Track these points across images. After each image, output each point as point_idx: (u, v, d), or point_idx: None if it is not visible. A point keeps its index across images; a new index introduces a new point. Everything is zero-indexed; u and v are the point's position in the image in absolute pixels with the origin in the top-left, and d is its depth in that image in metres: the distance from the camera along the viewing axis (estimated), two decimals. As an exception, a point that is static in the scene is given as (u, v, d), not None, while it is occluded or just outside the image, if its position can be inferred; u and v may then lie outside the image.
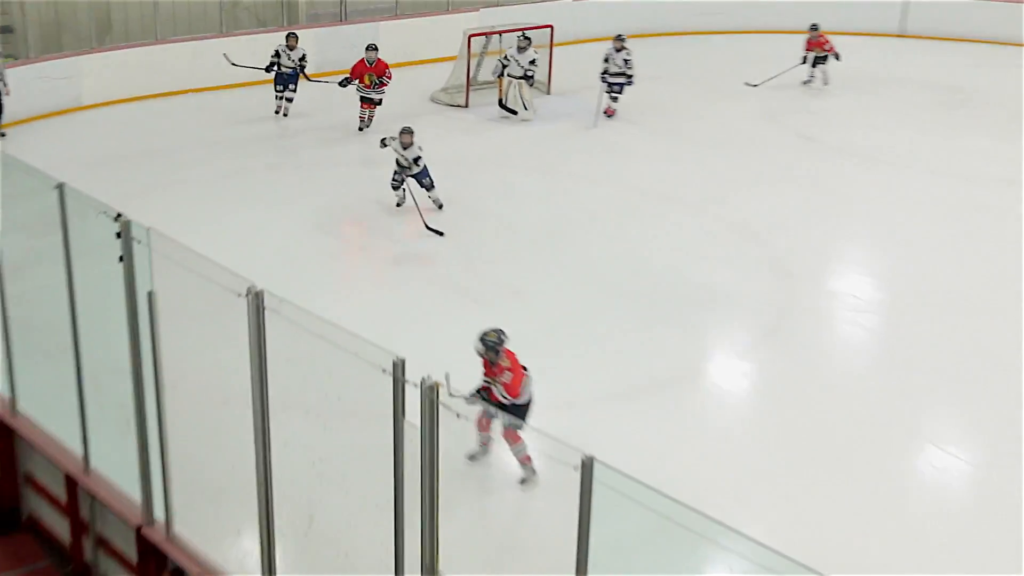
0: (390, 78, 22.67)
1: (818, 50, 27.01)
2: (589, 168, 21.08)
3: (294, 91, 23.46)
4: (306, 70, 23.29)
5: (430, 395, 7.36)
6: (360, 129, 22.79)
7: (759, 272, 17.68)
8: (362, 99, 22.72)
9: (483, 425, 11.33)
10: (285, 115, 23.55)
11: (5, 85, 21.73)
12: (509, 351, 11.48)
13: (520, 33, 24.99)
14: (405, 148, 18.48)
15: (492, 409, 10.85)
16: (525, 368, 11.74)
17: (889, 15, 31.74)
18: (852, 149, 23.22)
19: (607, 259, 17.80)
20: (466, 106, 25.15)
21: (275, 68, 22.96)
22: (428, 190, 18.69)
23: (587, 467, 6.79)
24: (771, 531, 6.92)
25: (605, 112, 24.55)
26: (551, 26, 26.52)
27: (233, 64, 22.57)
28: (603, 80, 24.26)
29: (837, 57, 26.99)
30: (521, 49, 24.62)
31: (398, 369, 7.51)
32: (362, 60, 22.35)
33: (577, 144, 22.22)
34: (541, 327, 15.59)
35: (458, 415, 7.39)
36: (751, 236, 18.84)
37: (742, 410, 14.47)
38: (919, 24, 31.43)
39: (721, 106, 26.03)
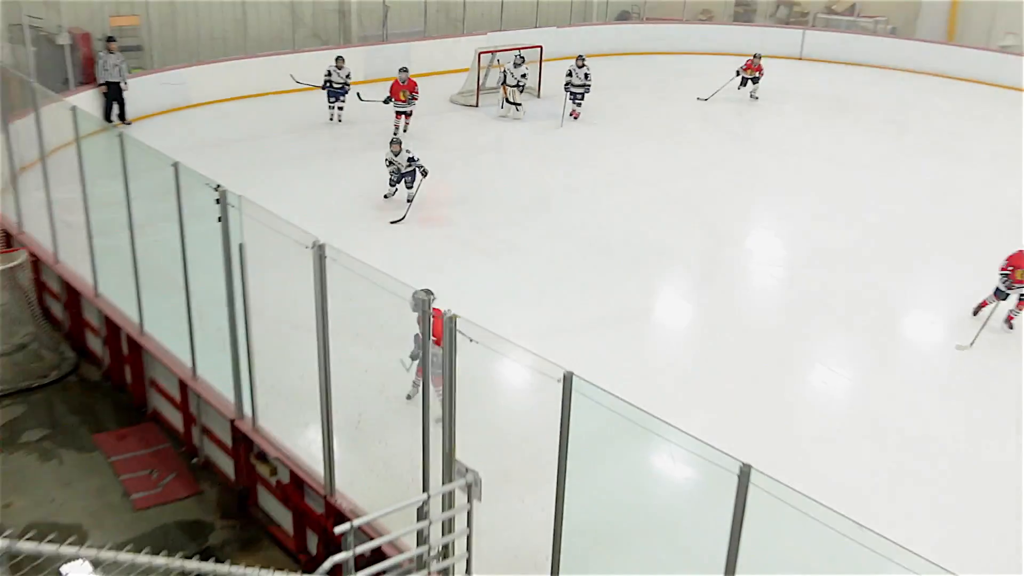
0: (418, 93, 21.79)
1: (753, 73, 26.26)
2: (569, 154, 21.06)
3: (343, 102, 22.73)
4: (351, 77, 22.73)
5: (451, 324, 7.42)
6: (396, 133, 20.91)
7: (696, 234, 17.73)
8: (397, 112, 21.83)
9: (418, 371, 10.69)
10: (339, 121, 22.84)
11: (125, 83, 21.72)
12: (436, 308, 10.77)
13: (516, 52, 24.90)
14: (396, 156, 18.23)
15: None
16: None
17: (792, 42, 31.60)
18: (766, 143, 23.25)
19: (582, 223, 17.81)
20: (476, 106, 25.04)
21: (328, 84, 22.50)
22: (408, 188, 18.31)
23: (567, 380, 6.87)
24: (704, 428, 6.93)
25: (571, 115, 24.05)
26: (541, 46, 26.41)
27: (297, 82, 22.35)
28: (567, 90, 23.84)
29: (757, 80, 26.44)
30: (516, 65, 24.57)
31: (426, 303, 7.55)
32: (396, 80, 21.51)
33: (559, 136, 22.20)
34: (532, 274, 15.77)
35: (472, 340, 7.42)
36: (690, 207, 18.86)
37: (682, 337, 14.58)
38: (814, 50, 31.33)
39: (667, 110, 25.98)
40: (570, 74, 23.86)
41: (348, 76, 22.49)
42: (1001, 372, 13.33)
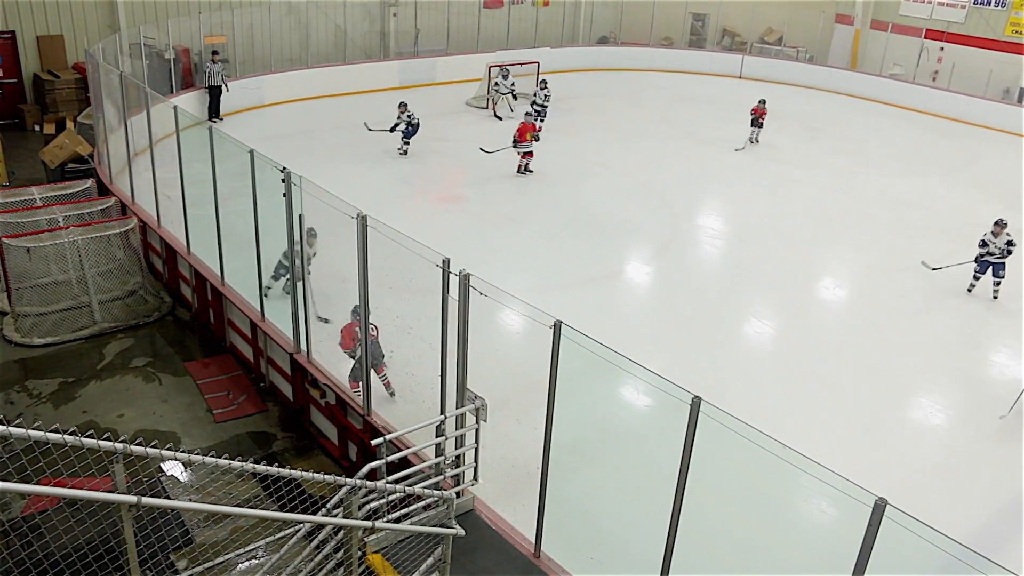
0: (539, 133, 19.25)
1: (758, 117, 22.29)
2: (555, 146, 20.62)
3: (408, 140, 19.70)
4: (414, 118, 19.68)
5: (465, 281, 7.27)
6: (522, 172, 18.94)
7: (657, 213, 17.41)
8: (524, 152, 18.90)
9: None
10: (404, 154, 19.77)
11: (227, 86, 21.71)
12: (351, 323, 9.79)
13: (500, 67, 24.57)
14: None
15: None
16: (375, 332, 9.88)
17: (733, 65, 31.22)
18: (714, 139, 22.79)
19: (566, 202, 17.53)
20: (486, 108, 24.57)
21: (395, 127, 19.70)
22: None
23: (557, 327, 6.71)
24: (665, 366, 6.73)
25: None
26: (538, 62, 26.05)
27: (369, 129, 19.86)
28: (532, 107, 21.66)
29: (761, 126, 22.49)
30: (504, 76, 24.20)
31: (445, 264, 7.41)
32: (524, 123, 18.84)
33: (547, 132, 21.72)
34: (527, 241, 15.49)
35: (481, 293, 7.21)
36: (654, 191, 18.53)
37: (646, 294, 14.31)
38: (750, 71, 30.93)
39: (635, 114, 25.52)
40: (534, 94, 22.73)
41: (411, 117, 19.59)
42: (896, 321, 13.16)
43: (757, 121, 22.37)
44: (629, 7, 33.22)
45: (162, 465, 9.64)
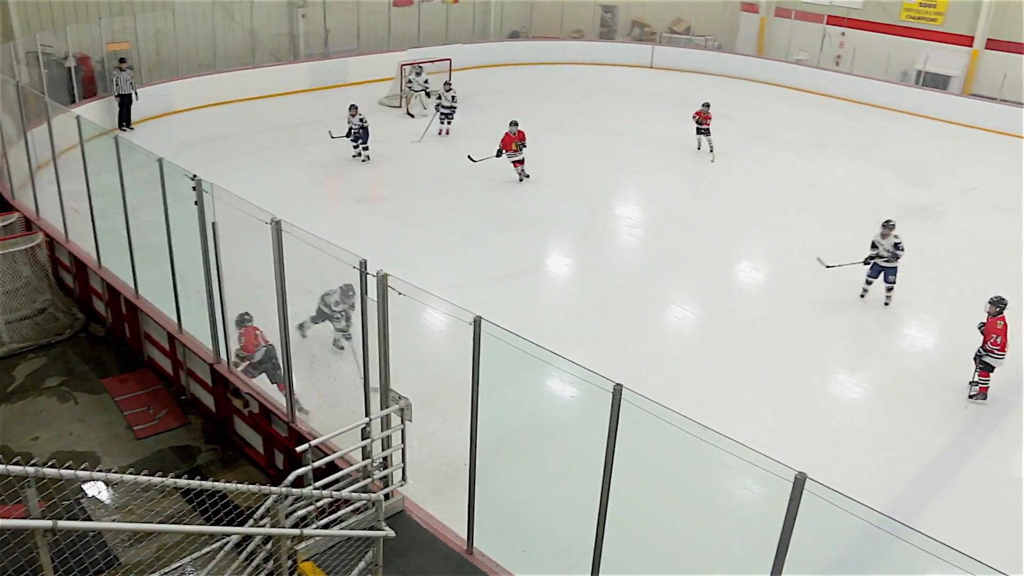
0: (526, 142, 18.60)
1: (701, 121, 21.03)
2: (470, 144, 20.54)
3: (367, 145, 19.48)
4: (365, 121, 19.39)
5: (383, 282, 7.21)
6: (521, 180, 18.56)
7: (575, 204, 17.58)
8: (513, 161, 18.52)
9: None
10: (366, 159, 19.52)
11: (136, 94, 21.19)
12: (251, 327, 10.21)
13: (412, 64, 24.40)
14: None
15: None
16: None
17: (643, 55, 31.65)
18: (627, 130, 23.09)
19: (484, 197, 17.62)
20: (399, 107, 24.44)
21: (350, 132, 19.32)
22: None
23: (477, 323, 6.73)
24: (588, 358, 6.80)
25: (443, 133, 21.81)
26: (450, 59, 25.95)
27: (333, 137, 19.45)
28: (436, 110, 21.81)
29: (708, 132, 21.11)
30: (417, 74, 24.08)
31: (362, 266, 7.37)
32: (508, 133, 18.39)
33: (462, 129, 21.77)
34: (445, 238, 15.51)
35: (400, 293, 7.18)
36: (570, 183, 18.69)
37: (567, 285, 14.43)
38: (661, 61, 31.44)
39: (549, 107, 25.62)
40: (440, 97, 21.94)
41: (363, 120, 19.29)
42: (814, 304, 13.52)
43: (702, 128, 20.99)
44: (539, 2, 33.40)
45: (84, 487, 9.37)
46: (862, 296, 13.72)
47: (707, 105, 21.10)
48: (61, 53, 21.17)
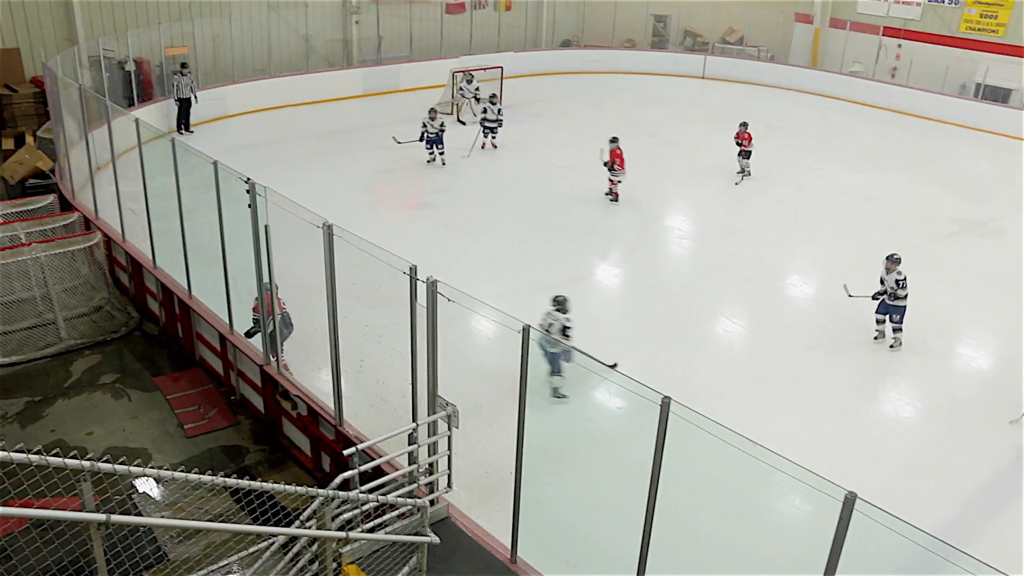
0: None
1: (742, 143, 19.82)
2: (520, 151, 20.67)
3: (443, 149, 19.65)
4: (444, 127, 19.71)
5: (432, 288, 7.26)
6: (612, 198, 18.08)
7: (625, 213, 17.49)
8: (614, 179, 17.99)
9: None
10: (443, 164, 19.72)
11: (196, 98, 21.58)
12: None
13: (464, 72, 24.59)
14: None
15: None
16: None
17: (696, 65, 31.48)
18: (677, 141, 22.97)
19: (535, 205, 17.58)
20: (451, 113, 24.54)
21: (424, 136, 19.52)
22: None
23: (525, 331, 6.72)
24: (635, 368, 6.76)
25: (488, 146, 21.29)
26: (501, 67, 26.01)
27: (399, 142, 19.62)
28: (482, 125, 21.23)
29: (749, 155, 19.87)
30: (468, 82, 24.25)
31: (412, 272, 7.40)
32: (614, 149, 17.72)
33: (513, 137, 21.83)
34: (496, 246, 15.52)
35: (449, 300, 7.21)
36: (621, 192, 18.54)
37: (615, 295, 14.36)
38: (713, 71, 31.24)
39: (600, 116, 25.52)
40: (485, 111, 21.40)
41: (442, 126, 19.54)
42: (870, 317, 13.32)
43: (744, 150, 19.79)
44: (591, 10, 33.41)
45: (134, 483, 9.51)
46: (875, 339, 12.58)
47: (745, 125, 19.90)
48: (122, 57, 21.67)
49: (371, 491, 7.19)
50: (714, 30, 32.70)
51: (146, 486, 9.62)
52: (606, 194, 18.12)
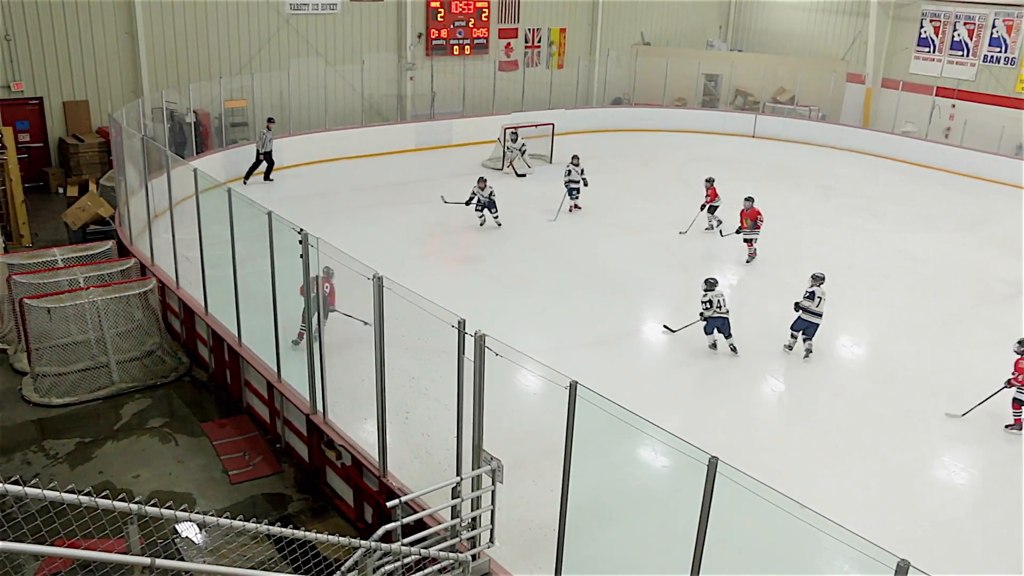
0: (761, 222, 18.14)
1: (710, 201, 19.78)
2: (587, 213, 20.73)
3: (496, 212, 19.30)
4: (495, 195, 19.32)
5: (480, 342, 7.27)
6: (748, 261, 18.14)
7: (671, 271, 17.47)
8: (745, 240, 18.12)
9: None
10: (498, 225, 19.43)
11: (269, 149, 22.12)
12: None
13: (510, 129, 24.82)
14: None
15: None
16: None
17: (746, 124, 31.48)
18: (726, 199, 22.79)
19: (584, 262, 17.59)
20: (501, 169, 24.77)
21: (471, 200, 19.24)
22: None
23: (572, 387, 6.70)
24: (682, 427, 6.68)
25: (569, 209, 20.81)
26: (552, 124, 26.30)
27: (446, 202, 19.56)
28: (566, 187, 20.76)
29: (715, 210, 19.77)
30: (513, 140, 24.52)
31: (461, 325, 7.43)
32: (749, 209, 17.95)
33: (561, 193, 21.93)
34: (541, 302, 15.51)
35: (497, 354, 7.20)
36: (668, 250, 18.58)
37: (661, 353, 14.20)
38: (763, 130, 31.16)
39: (650, 173, 25.60)
40: (568, 172, 20.90)
41: (492, 194, 19.24)
42: (914, 381, 13.02)
43: (709, 205, 19.65)
44: (642, 68, 33.64)
45: (177, 527, 9.58)
46: (806, 355, 13.58)
47: (711, 180, 19.87)
48: (183, 109, 22.34)
49: (413, 544, 7.15)
50: (765, 89, 32.75)
51: (189, 531, 9.67)
52: (747, 261, 18.08)
